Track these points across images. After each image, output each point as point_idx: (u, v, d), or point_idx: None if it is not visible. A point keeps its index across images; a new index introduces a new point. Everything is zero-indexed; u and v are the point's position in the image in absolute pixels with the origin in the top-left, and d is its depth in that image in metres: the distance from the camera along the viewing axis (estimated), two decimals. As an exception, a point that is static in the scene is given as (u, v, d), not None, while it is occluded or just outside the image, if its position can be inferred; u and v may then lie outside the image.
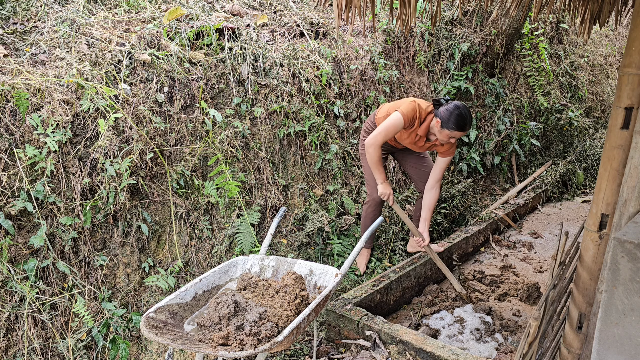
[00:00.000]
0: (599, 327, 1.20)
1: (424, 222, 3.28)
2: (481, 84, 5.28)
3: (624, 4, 2.25)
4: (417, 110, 2.96)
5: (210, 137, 3.28)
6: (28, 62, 2.81)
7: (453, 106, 2.85)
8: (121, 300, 2.76)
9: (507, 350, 2.68)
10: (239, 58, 3.53)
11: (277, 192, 3.57)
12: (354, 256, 2.36)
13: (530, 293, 3.29)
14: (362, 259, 3.56)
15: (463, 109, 2.84)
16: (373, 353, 2.55)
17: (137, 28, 3.31)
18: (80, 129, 2.77)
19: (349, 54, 4.29)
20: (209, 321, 1.99)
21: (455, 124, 2.83)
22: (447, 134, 2.90)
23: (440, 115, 2.88)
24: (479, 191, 5.05)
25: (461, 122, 2.83)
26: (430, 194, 3.23)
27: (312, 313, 1.99)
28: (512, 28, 5.19)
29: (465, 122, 2.84)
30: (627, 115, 1.65)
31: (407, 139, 3.14)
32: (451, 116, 2.83)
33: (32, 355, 2.43)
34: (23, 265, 2.47)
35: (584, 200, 5.30)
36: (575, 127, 6.14)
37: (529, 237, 4.39)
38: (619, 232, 1.30)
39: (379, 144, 2.99)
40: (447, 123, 2.85)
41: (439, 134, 2.95)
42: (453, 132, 2.87)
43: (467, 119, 2.84)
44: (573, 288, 1.91)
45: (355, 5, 1.94)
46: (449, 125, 2.85)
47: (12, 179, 2.50)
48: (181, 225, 3.10)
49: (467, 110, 2.86)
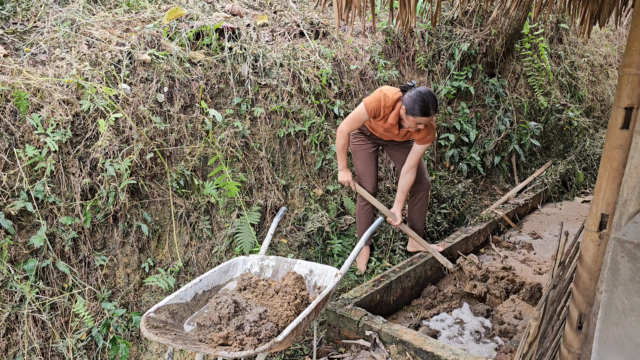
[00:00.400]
0: (599, 327, 1.20)
1: (397, 203, 3.33)
2: (481, 84, 5.28)
3: (624, 4, 2.25)
4: (383, 100, 2.98)
5: (210, 137, 3.28)
6: (28, 62, 2.81)
7: (415, 93, 2.86)
8: (121, 300, 2.76)
9: (507, 350, 2.68)
10: (239, 58, 3.54)
11: (277, 192, 3.57)
12: (354, 256, 2.36)
13: (532, 293, 3.29)
14: (362, 259, 3.56)
15: (426, 94, 2.84)
16: (373, 353, 2.55)
17: (137, 28, 3.31)
18: (80, 129, 2.77)
19: (349, 54, 4.29)
20: (209, 321, 1.99)
21: (419, 110, 2.84)
22: (413, 120, 2.91)
23: (405, 102, 2.90)
24: (479, 191, 5.05)
25: (424, 107, 2.83)
26: (405, 178, 3.25)
27: (312, 313, 1.99)
28: (512, 28, 5.19)
29: (428, 107, 2.83)
30: (627, 115, 1.65)
31: (381, 127, 3.16)
32: (414, 103, 2.84)
33: (32, 355, 2.43)
34: (23, 265, 2.47)
35: (584, 200, 5.30)
36: (575, 127, 6.14)
37: (529, 238, 4.39)
38: (619, 232, 1.30)
39: (343, 132, 3.14)
40: (412, 110, 2.86)
41: (407, 120, 2.96)
42: (417, 118, 2.87)
43: (430, 103, 2.83)
44: (573, 288, 1.91)
45: (355, 5, 1.94)
46: (413, 112, 2.86)
47: (12, 179, 2.50)
48: (181, 225, 3.10)
49: (430, 95, 2.85)
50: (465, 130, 5.00)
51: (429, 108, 2.84)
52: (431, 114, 2.87)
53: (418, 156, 3.17)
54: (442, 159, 4.89)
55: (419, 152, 3.15)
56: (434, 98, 2.86)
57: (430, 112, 2.86)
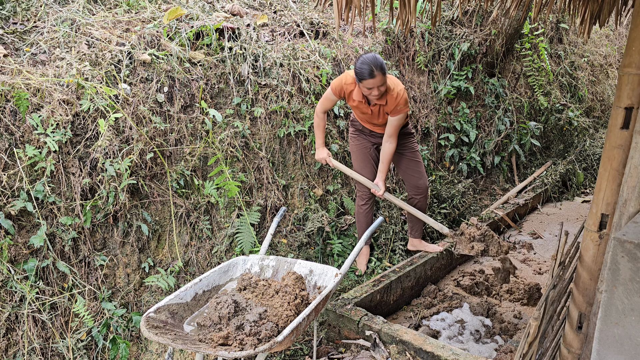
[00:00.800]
0: (599, 327, 1.20)
1: (379, 174, 3.31)
2: (481, 84, 5.28)
3: (624, 4, 2.25)
4: (344, 78, 3.05)
5: (210, 137, 3.28)
6: (28, 62, 2.81)
7: (359, 59, 2.86)
8: (121, 300, 2.76)
9: (507, 350, 2.68)
10: (239, 58, 3.53)
11: (277, 192, 3.57)
12: (354, 256, 2.36)
13: (531, 294, 3.29)
14: (362, 259, 3.56)
15: (367, 57, 2.82)
16: (373, 353, 2.55)
17: (137, 28, 3.31)
18: (80, 129, 2.77)
19: (349, 54, 4.29)
20: (209, 321, 1.99)
21: (362, 73, 2.82)
22: (363, 86, 2.89)
23: (355, 72, 2.89)
24: (479, 191, 5.05)
25: (366, 69, 2.80)
26: (384, 147, 3.23)
27: (312, 313, 1.99)
28: (512, 28, 5.19)
29: (370, 68, 2.79)
30: (627, 115, 1.65)
31: (357, 110, 3.21)
32: (359, 69, 2.83)
33: (32, 355, 2.43)
34: (23, 265, 2.47)
35: (584, 200, 5.30)
36: (575, 127, 6.14)
37: (529, 238, 4.39)
38: (619, 232, 1.30)
39: (317, 112, 3.23)
40: (359, 75, 2.85)
41: (363, 90, 2.95)
42: (364, 81, 2.85)
43: (372, 64, 2.79)
44: (573, 288, 1.91)
45: (355, 5, 1.94)
46: (360, 77, 2.84)
47: (12, 179, 2.50)
48: (181, 225, 3.10)
49: (372, 57, 2.81)
50: (465, 130, 5.00)
51: (371, 69, 2.79)
52: (375, 74, 2.81)
53: (394, 127, 3.14)
54: (442, 159, 4.89)
55: (394, 124, 3.12)
56: (376, 60, 2.81)
57: (374, 73, 2.80)
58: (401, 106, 3.04)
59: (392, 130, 3.16)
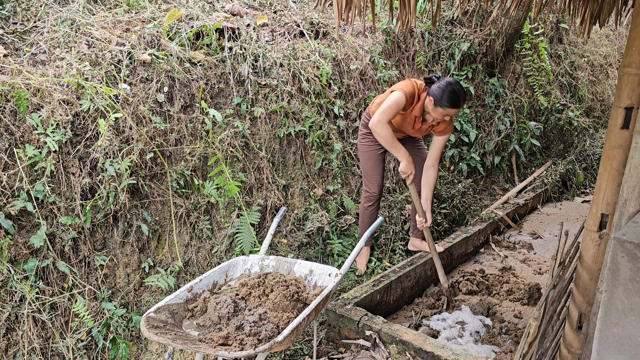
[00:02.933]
0: (599, 327, 1.20)
1: (426, 202, 3.18)
2: (481, 84, 5.28)
3: (624, 4, 2.25)
4: (416, 87, 2.93)
5: (210, 137, 3.28)
6: (28, 62, 2.81)
7: (445, 83, 2.80)
8: (121, 300, 2.76)
9: (507, 350, 2.68)
10: (239, 58, 3.53)
11: (277, 192, 3.57)
12: (354, 256, 2.36)
13: (531, 294, 3.29)
14: (362, 259, 3.56)
15: (455, 85, 2.78)
16: (373, 353, 2.55)
17: (137, 28, 3.31)
18: (80, 129, 2.77)
19: (349, 54, 4.29)
20: (209, 321, 1.99)
21: (449, 101, 2.78)
22: (441, 112, 2.85)
23: (433, 93, 2.84)
24: (479, 191, 5.05)
25: (454, 98, 2.78)
26: (429, 172, 3.16)
27: (312, 313, 1.99)
28: (512, 28, 5.19)
29: (458, 98, 2.78)
30: (627, 115, 1.65)
31: (406, 122, 3.10)
32: (444, 94, 2.78)
33: (32, 355, 2.43)
34: (23, 265, 2.47)
35: (584, 200, 5.30)
36: (575, 127, 6.14)
37: (529, 238, 4.39)
38: (619, 232, 1.30)
39: (384, 121, 2.86)
40: (440, 101, 2.80)
41: (433, 113, 2.89)
42: (447, 109, 2.82)
43: (461, 95, 2.78)
44: (573, 288, 1.91)
45: (355, 5, 1.94)
46: (442, 102, 2.80)
47: (12, 179, 2.50)
48: (181, 225, 3.10)
49: (459, 86, 2.79)
50: (465, 130, 5.00)
51: (459, 99, 2.78)
52: (461, 105, 2.80)
53: (440, 149, 3.10)
54: (442, 159, 4.89)
55: (440, 145, 3.09)
56: (463, 89, 2.80)
57: (461, 103, 2.80)
58: (451, 126, 3.04)
59: (437, 153, 3.11)
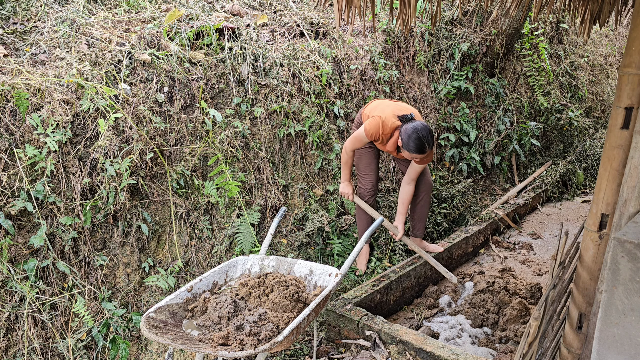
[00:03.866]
0: (599, 327, 1.20)
1: (399, 216, 3.33)
2: (481, 84, 5.28)
3: (624, 4, 2.25)
4: (381, 127, 3.02)
5: (210, 137, 3.28)
6: (28, 62, 2.81)
7: (412, 129, 2.86)
8: (121, 300, 2.76)
9: (507, 350, 2.68)
10: (239, 58, 3.53)
11: (277, 192, 3.57)
12: (354, 256, 2.36)
13: (531, 294, 3.29)
14: (362, 259, 3.56)
15: (422, 131, 2.84)
16: (373, 353, 2.55)
17: (137, 28, 3.31)
18: (80, 129, 2.77)
19: (349, 54, 4.29)
20: (209, 321, 1.99)
21: (414, 147, 2.87)
22: (408, 155, 2.96)
23: (401, 137, 2.92)
24: (479, 191, 5.05)
25: (419, 145, 2.86)
26: (405, 189, 3.27)
27: (312, 313, 1.99)
28: (512, 28, 5.19)
29: (423, 145, 2.86)
30: (627, 115, 1.65)
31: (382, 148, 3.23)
32: (409, 140, 2.86)
33: (32, 355, 2.43)
34: (23, 265, 2.47)
35: (584, 200, 5.30)
36: (575, 127, 6.14)
37: (529, 238, 4.38)
38: (619, 232, 1.30)
39: (347, 150, 3.18)
40: (407, 145, 2.89)
41: (403, 152, 3.00)
42: (412, 154, 2.92)
43: (425, 142, 2.85)
44: (573, 288, 1.91)
45: (356, 5, 1.94)
46: (409, 147, 2.89)
47: (12, 179, 2.50)
48: (181, 225, 3.10)
49: (426, 131, 2.85)
50: (465, 130, 5.00)
51: (424, 146, 2.86)
52: (426, 151, 2.89)
53: (417, 172, 3.21)
54: (442, 159, 4.89)
55: (417, 170, 3.19)
56: (430, 134, 2.87)
57: (426, 150, 2.88)
58: (429, 157, 3.10)
59: (414, 174, 3.21)
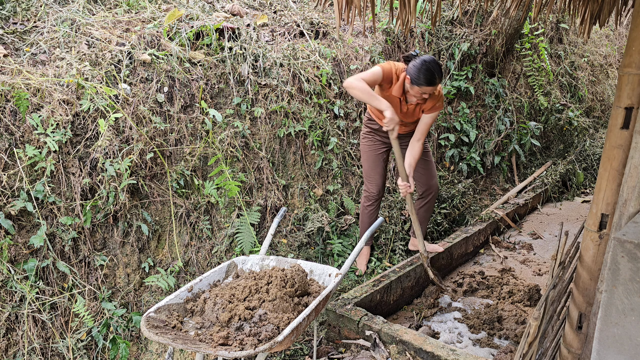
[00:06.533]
0: (599, 327, 1.20)
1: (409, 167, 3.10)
2: (481, 84, 5.28)
3: (624, 4, 2.25)
4: (393, 67, 2.93)
5: (210, 137, 3.28)
6: (28, 62, 2.81)
7: (420, 61, 2.79)
8: (121, 300, 2.76)
9: (507, 351, 2.68)
10: (239, 58, 3.53)
11: (277, 192, 3.57)
12: (354, 256, 2.36)
13: (530, 295, 3.29)
14: (362, 259, 3.56)
15: (430, 62, 2.77)
16: (373, 353, 2.55)
17: (137, 28, 3.31)
18: (80, 129, 2.77)
19: (349, 54, 4.29)
20: (209, 321, 1.99)
21: (424, 79, 2.78)
22: (418, 90, 2.85)
23: (409, 72, 2.83)
24: (479, 191, 5.05)
25: (429, 76, 2.77)
26: (414, 145, 3.10)
27: (312, 313, 1.99)
28: (512, 28, 5.19)
29: (433, 76, 2.77)
30: (627, 115, 1.65)
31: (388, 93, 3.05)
32: (419, 72, 2.77)
33: (32, 355, 2.43)
34: (23, 265, 2.47)
35: (584, 200, 5.30)
36: (575, 127, 6.14)
37: (529, 238, 4.38)
38: (619, 232, 1.30)
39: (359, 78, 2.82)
40: (417, 79, 2.80)
41: (411, 90, 2.89)
42: (422, 87, 2.81)
43: (435, 72, 2.77)
44: (573, 288, 1.91)
45: (356, 5, 1.94)
46: (419, 81, 2.79)
47: (12, 179, 2.50)
48: (181, 225, 3.10)
49: (434, 63, 2.78)
50: (465, 130, 5.00)
51: (434, 77, 2.77)
52: (437, 82, 2.80)
53: (427, 125, 3.07)
54: (442, 159, 4.89)
55: (428, 122, 3.05)
56: (438, 66, 2.79)
57: (436, 81, 2.79)
58: (439, 103, 3.00)
59: (425, 128, 3.08)
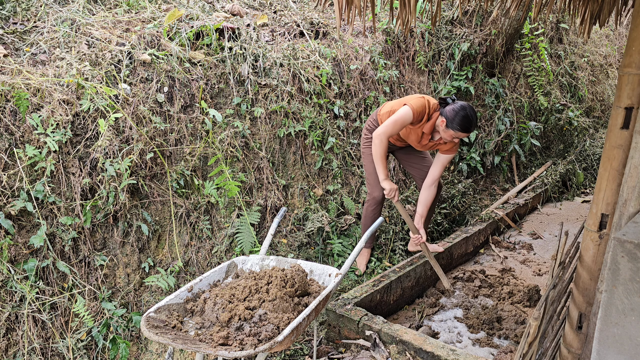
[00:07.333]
0: (599, 327, 1.20)
1: (419, 218, 3.25)
2: (481, 84, 5.28)
3: (624, 4, 2.25)
4: (426, 106, 2.96)
5: (210, 137, 3.28)
6: (28, 62, 2.81)
7: (459, 106, 2.84)
8: (121, 300, 2.76)
9: (507, 350, 2.68)
10: (239, 58, 3.53)
11: (277, 192, 3.57)
12: (354, 256, 2.36)
13: (530, 296, 3.29)
14: (362, 259, 3.56)
15: (469, 110, 2.83)
16: (373, 353, 2.55)
17: (137, 28, 3.31)
18: (80, 129, 2.77)
19: (349, 54, 4.28)
20: (209, 321, 1.99)
21: (460, 124, 2.83)
22: (452, 134, 2.91)
23: (446, 115, 2.88)
24: (479, 191, 5.05)
25: (466, 123, 2.83)
26: (428, 192, 3.21)
27: (312, 313, 1.99)
28: (512, 28, 5.19)
29: (470, 123, 2.83)
30: (627, 115, 1.65)
31: (412, 135, 3.13)
32: (456, 116, 2.83)
33: (32, 355, 2.43)
34: (23, 265, 2.47)
35: (584, 200, 5.30)
36: (575, 127, 6.14)
37: (529, 238, 4.38)
38: (619, 232, 1.30)
39: (387, 135, 2.94)
40: (452, 123, 2.85)
41: (443, 133, 2.95)
42: (457, 132, 2.87)
43: (473, 120, 2.84)
44: (573, 288, 1.91)
45: (356, 5, 1.94)
46: (454, 125, 2.85)
47: (12, 179, 2.50)
48: (181, 225, 3.10)
49: (473, 111, 2.84)
50: (465, 130, 5.00)
51: (471, 124, 2.84)
52: (472, 130, 2.87)
53: (443, 167, 3.15)
54: (442, 159, 4.89)
55: (444, 163, 3.13)
56: (476, 115, 2.85)
57: (471, 129, 2.86)
58: (456, 147, 3.09)
59: (440, 171, 3.16)
